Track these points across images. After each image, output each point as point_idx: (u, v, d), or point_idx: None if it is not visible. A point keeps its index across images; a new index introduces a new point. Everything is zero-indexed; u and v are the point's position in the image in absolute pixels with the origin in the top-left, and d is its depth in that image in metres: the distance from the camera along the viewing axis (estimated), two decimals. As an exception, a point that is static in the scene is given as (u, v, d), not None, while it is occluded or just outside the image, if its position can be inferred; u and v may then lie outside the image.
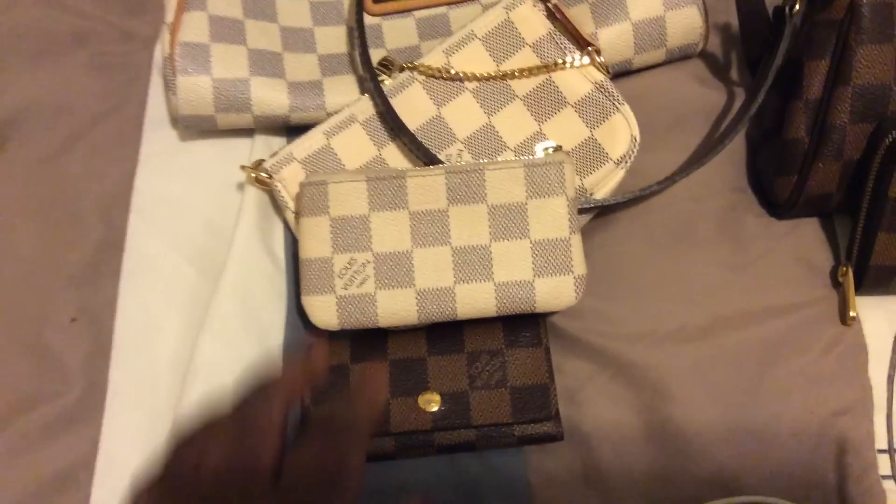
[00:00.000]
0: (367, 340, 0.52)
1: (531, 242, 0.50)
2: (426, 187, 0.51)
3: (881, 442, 0.53)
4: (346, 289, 0.50)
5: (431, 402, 0.50)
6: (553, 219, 0.50)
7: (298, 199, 0.52)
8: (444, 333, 0.52)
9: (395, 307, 0.50)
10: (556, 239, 0.50)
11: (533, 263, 0.50)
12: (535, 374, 0.51)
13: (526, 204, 0.50)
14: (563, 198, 0.50)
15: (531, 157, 0.52)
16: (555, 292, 0.50)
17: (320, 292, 0.50)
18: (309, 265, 0.50)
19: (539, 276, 0.50)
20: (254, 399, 0.36)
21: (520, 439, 0.50)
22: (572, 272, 0.50)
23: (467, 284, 0.50)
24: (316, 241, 0.50)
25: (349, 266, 0.50)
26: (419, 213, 0.51)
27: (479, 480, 0.52)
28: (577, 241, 0.51)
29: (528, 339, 0.52)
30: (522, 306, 0.50)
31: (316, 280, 0.50)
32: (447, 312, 0.50)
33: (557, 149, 0.53)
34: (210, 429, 0.34)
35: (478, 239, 0.50)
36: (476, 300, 0.50)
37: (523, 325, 0.52)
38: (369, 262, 0.50)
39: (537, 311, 0.51)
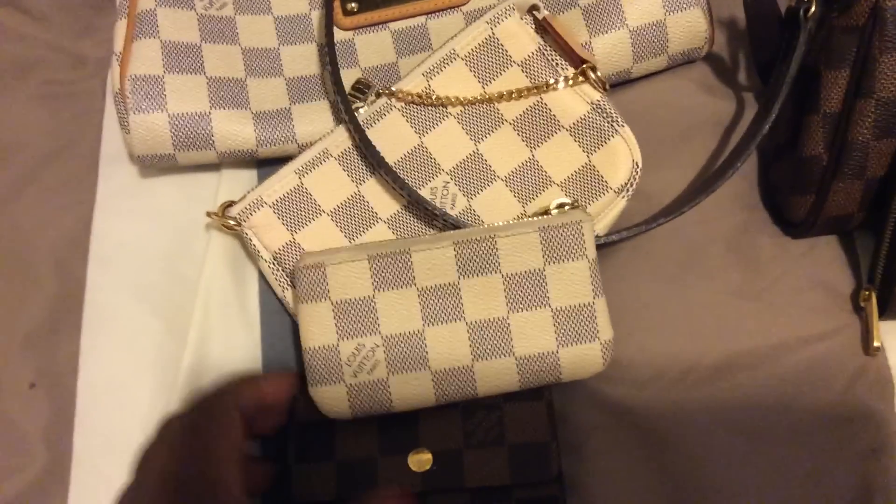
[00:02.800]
0: None
1: (552, 311, 0.45)
2: (434, 261, 0.45)
3: (910, 484, 0.50)
4: (355, 376, 0.45)
5: (423, 462, 0.46)
6: (575, 284, 0.45)
7: (294, 283, 0.47)
8: None
9: (411, 391, 0.45)
10: (580, 305, 0.45)
11: (556, 333, 0.45)
12: (535, 431, 0.46)
13: (544, 270, 0.45)
14: (585, 261, 0.45)
15: (546, 216, 0.47)
16: (581, 361, 0.46)
17: (329, 382, 0.45)
18: (314, 354, 0.45)
19: (563, 346, 0.45)
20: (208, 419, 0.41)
21: (518, 503, 0.46)
22: (598, 338, 0.45)
23: (486, 361, 0.45)
24: (318, 329, 0.45)
25: (357, 352, 0.45)
26: (428, 288, 0.45)
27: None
28: (601, 305, 0.46)
29: (529, 392, 0.47)
30: (547, 378, 0.46)
31: (323, 370, 0.45)
32: (467, 392, 0.46)
33: (573, 205, 0.47)
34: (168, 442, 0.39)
35: (494, 312, 0.45)
36: (497, 377, 0.45)
37: None
38: (378, 346, 0.45)
39: (563, 381, 0.46)
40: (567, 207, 0.48)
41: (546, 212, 0.48)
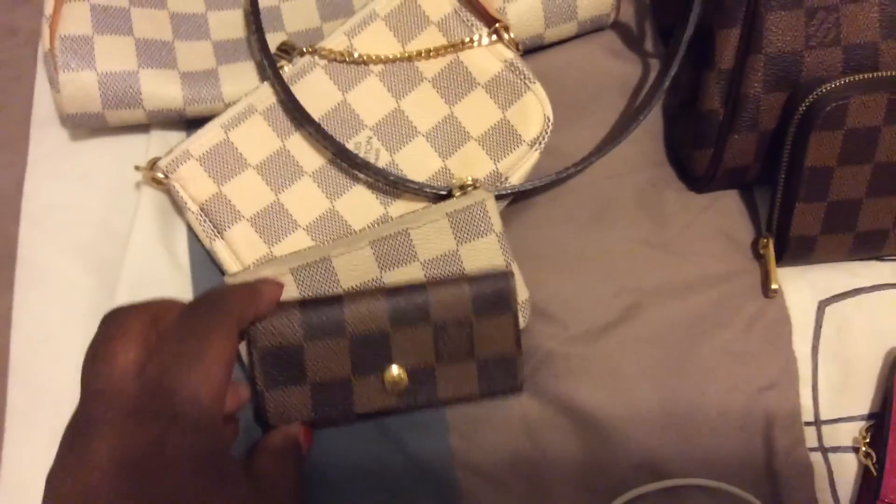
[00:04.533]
0: (322, 314, 0.45)
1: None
2: (354, 262, 0.48)
3: (808, 415, 0.53)
4: None
5: (398, 379, 0.45)
6: (487, 258, 0.49)
7: None
8: (409, 304, 0.46)
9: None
10: None
11: None
12: (503, 345, 0.46)
13: (458, 251, 0.49)
14: (493, 234, 0.49)
15: (451, 200, 0.50)
16: None
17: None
18: None
19: None
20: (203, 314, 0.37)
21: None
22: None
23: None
24: None
25: None
26: (353, 288, 0.49)
27: (404, 474, 0.50)
28: (514, 271, 0.50)
29: (496, 304, 0.46)
30: None
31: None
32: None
33: (475, 185, 0.50)
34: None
35: None
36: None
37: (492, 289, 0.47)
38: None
39: None
40: (469, 188, 0.50)
41: (450, 194, 0.51)
